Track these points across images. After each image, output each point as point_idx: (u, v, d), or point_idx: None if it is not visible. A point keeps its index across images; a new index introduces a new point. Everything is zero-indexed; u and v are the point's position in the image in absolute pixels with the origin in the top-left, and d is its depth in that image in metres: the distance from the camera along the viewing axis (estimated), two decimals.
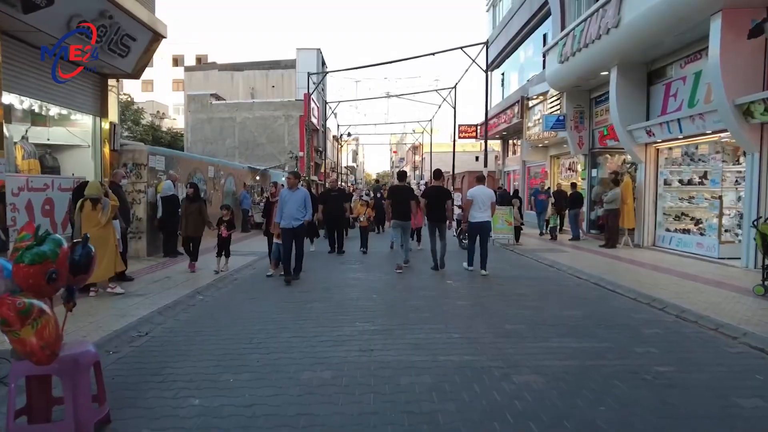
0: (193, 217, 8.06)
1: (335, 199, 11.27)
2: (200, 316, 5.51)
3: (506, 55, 22.66)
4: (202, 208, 8.20)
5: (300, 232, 7.57)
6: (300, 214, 7.42)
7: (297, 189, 7.58)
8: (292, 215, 7.37)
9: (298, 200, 7.42)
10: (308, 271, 8.39)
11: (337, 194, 11.51)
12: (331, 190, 11.90)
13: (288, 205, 7.38)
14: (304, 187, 9.69)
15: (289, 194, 7.46)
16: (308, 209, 7.54)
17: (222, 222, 8.05)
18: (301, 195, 7.51)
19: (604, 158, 14.69)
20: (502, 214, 12.82)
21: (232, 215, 8.38)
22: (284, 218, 7.40)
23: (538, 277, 7.94)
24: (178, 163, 11.66)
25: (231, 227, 8.16)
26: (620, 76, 11.42)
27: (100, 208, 6.24)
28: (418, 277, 7.84)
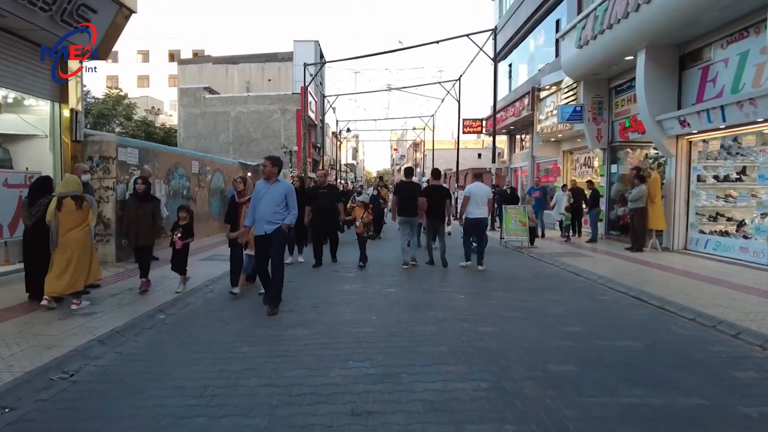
0: (144, 222, 6.21)
1: (324, 197, 8.61)
2: (151, 347, 4.32)
3: (514, 45, 21.41)
4: (156, 209, 6.41)
5: (277, 240, 5.45)
6: (278, 216, 5.41)
7: (276, 181, 5.53)
8: (266, 217, 5.40)
9: (276, 196, 5.43)
10: (296, 281, 7.21)
11: (327, 191, 8.74)
12: (319, 187, 8.99)
13: (262, 203, 5.44)
14: (295, 183, 8.42)
15: (265, 188, 5.49)
16: (291, 209, 5.50)
17: (177, 228, 6.34)
18: (280, 190, 5.47)
19: (625, 153, 13.49)
20: (515, 213, 11.64)
21: (191, 219, 6.55)
22: (256, 221, 5.50)
23: (566, 289, 6.74)
24: (155, 156, 10.45)
25: (188, 235, 6.39)
26: (649, 60, 10.19)
27: (86, 206, 5.42)
28: (426, 290, 6.64)
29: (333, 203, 8.82)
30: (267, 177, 5.58)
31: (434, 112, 31.51)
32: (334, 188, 9.21)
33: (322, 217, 8.59)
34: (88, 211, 5.36)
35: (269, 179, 5.56)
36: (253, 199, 5.60)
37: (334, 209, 8.80)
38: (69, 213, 5.21)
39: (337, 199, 8.91)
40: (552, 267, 8.90)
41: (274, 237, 5.46)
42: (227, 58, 33.98)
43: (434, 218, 8.58)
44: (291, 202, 5.54)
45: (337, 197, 8.91)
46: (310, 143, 30.60)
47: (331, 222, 8.82)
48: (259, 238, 5.54)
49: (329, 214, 8.67)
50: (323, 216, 8.58)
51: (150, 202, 6.37)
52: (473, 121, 25.19)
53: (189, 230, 6.43)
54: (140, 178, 6.50)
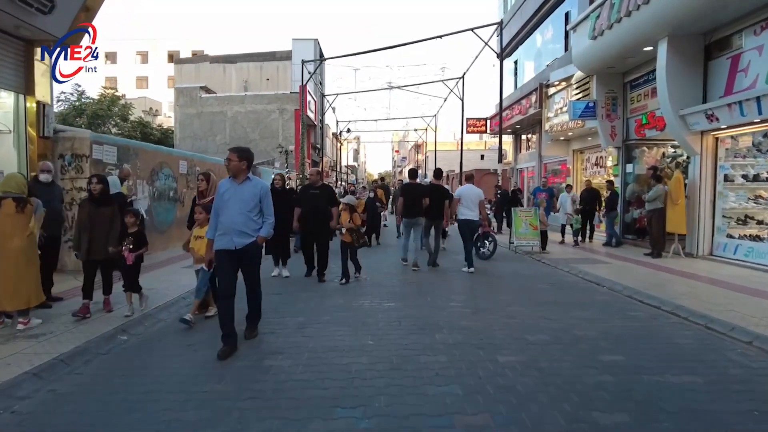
0: (100, 230, 5.06)
1: (315, 199, 7.34)
2: (95, 382, 3.52)
3: (520, 41, 20.62)
4: (116, 216, 5.18)
5: (252, 258, 4.30)
6: (252, 225, 4.21)
7: (246, 180, 4.26)
8: (236, 226, 4.13)
9: (247, 200, 4.18)
10: (284, 293, 6.40)
11: (319, 193, 7.40)
12: (309, 187, 7.62)
13: (229, 209, 4.15)
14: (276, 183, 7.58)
15: (232, 189, 4.20)
16: (267, 216, 4.32)
17: (126, 238, 5.09)
18: (251, 191, 4.23)
19: (641, 151, 12.66)
20: (525, 216, 10.82)
21: (142, 225, 5.40)
22: (220, 231, 4.18)
23: (591, 303, 5.92)
24: (137, 155, 9.67)
25: (140, 245, 5.17)
26: (671, 50, 9.37)
27: (30, 210, 4.63)
28: (431, 304, 5.82)
29: (326, 207, 7.36)
30: (233, 174, 4.25)
31: (437, 112, 30.73)
32: (327, 189, 7.68)
33: (313, 221, 7.34)
34: (31, 217, 4.56)
35: (236, 177, 4.24)
36: (216, 202, 4.27)
37: (325, 213, 7.32)
38: (8, 216, 4.43)
39: (331, 202, 7.44)
40: (569, 275, 8.08)
41: (247, 254, 4.21)
42: (224, 57, 33.28)
43: (433, 218, 8.79)
44: (267, 207, 4.32)
45: (332, 200, 7.46)
46: (309, 144, 29.83)
47: (321, 228, 7.37)
48: (223, 254, 4.14)
49: (321, 218, 7.30)
50: (314, 220, 7.33)
51: (108, 207, 5.22)
52: (477, 120, 24.40)
53: (140, 239, 5.25)
54: (95, 177, 5.32)
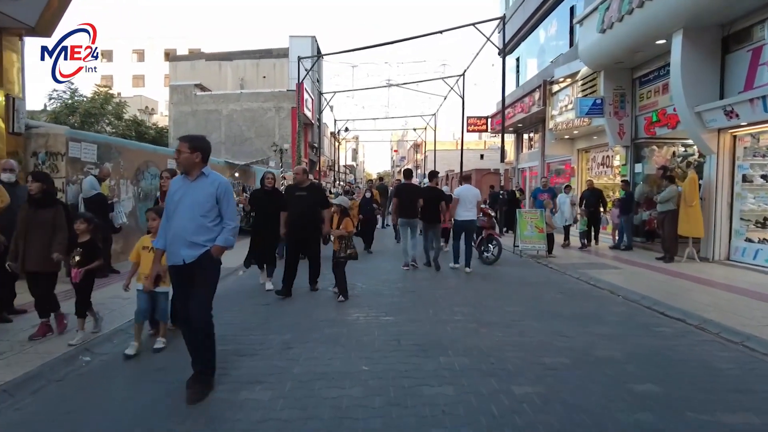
0: (40, 236, 4.25)
1: (302, 201, 6.32)
2: (34, 421, 2.96)
3: (522, 38, 20.08)
4: (59, 218, 4.35)
5: (202, 274, 3.38)
6: (204, 233, 3.35)
7: (201, 176, 3.43)
8: (185, 234, 3.33)
9: (201, 201, 3.37)
10: (271, 303, 5.86)
11: (307, 194, 6.36)
12: (295, 188, 6.59)
13: (178, 213, 3.38)
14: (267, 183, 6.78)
15: (184, 188, 3.43)
16: (228, 221, 3.46)
17: (74, 249, 4.27)
18: (207, 190, 3.39)
19: (650, 150, 12.14)
20: (531, 218, 10.27)
21: (95, 235, 4.45)
22: (169, 241, 3.42)
23: (609, 316, 5.37)
24: (120, 153, 9.11)
25: (91, 258, 4.26)
26: (687, 42, 8.83)
27: None
28: (434, 318, 5.28)
29: (315, 210, 6.37)
30: (185, 170, 3.44)
31: (436, 111, 30.18)
32: (317, 190, 6.75)
33: (299, 228, 6.30)
34: None
35: (189, 173, 3.42)
36: (167, 205, 3.50)
37: (315, 218, 6.36)
38: None
39: (320, 204, 6.45)
40: (580, 282, 7.54)
41: (198, 269, 3.33)
42: (220, 54, 32.69)
43: (429, 220, 8.64)
44: (227, 210, 3.44)
45: (322, 202, 6.52)
46: (306, 143, 29.27)
47: (310, 235, 6.39)
48: (173, 271, 3.44)
49: (309, 225, 6.31)
50: (300, 227, 6.29)
51: (50, 209, 4.34)
52: (478, 119, 23.86)
53: (91, 251, 4.31)
54: (32, 174, 4.55)
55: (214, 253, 3.40)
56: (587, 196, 11.57)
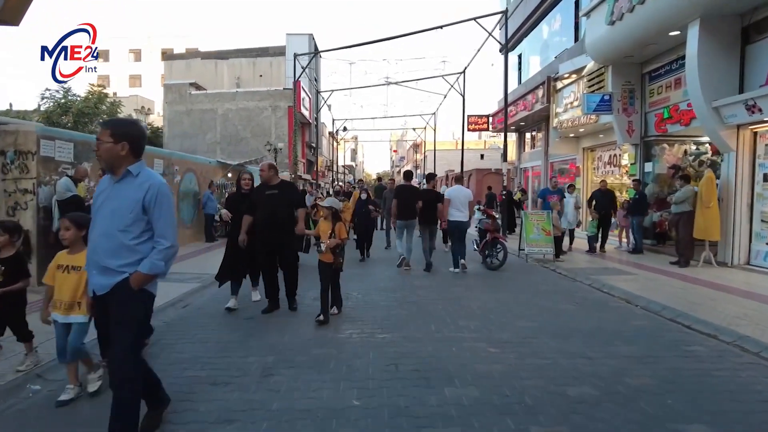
0: None
1: (272, 202, 5.39)
2: None
3: (524, 34, 19.55)
4: None
5: (121, 309, 2.52)
6: (123, 255, 2.51)
7: (127, 176, 2.56)
8: (100, 256, 2.53)
9: (121, 210, 2.52)
10: (255, 317, 5.28)
11: (278, 194, 5.42)
12: (264, 187, 5.57)
13: (95, 226, 2.62)
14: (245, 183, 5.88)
15: (107, 191, 2.62)
16: (162, 239, 2.55)
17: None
18: (131, 196, 2.52)
19: (661, 149, 11.60)
20: (537, 220, 9.71)
21: (25, 245, 3.80)
22: (89, 259, 2.63)
23: (632, 332, 4.82)
24: None
25: (14, 275, 3.59)
26: (704, 33, 8.28)
27: None
28: (437, 335, 4.72)
29: (288, 211, 5.50)
30: (107, 167, 2.62)
31: (436, 109, 29.63)
32: (288, 188, 5.76)
33: (271, 231, 5.37)
34: None
35: (114, 172, 2.58)
36: (93, 215, 2.67)
37: (289, 220, 5.48)
38: None
39: (293, 204, 5.57)
40: (594, 291, 6.98)
41: (113, 305, 2.52)
42: (216, 53, 32.14)
43: (427, 221, 8.76)
44: (160, 221, 2.53)
45: (295, 201, 5.62)
46: (303, 142, 28.70)
47: (285, 239, 5.47)
48: (95, 300, 2.67)
49: (282, 228, 5.40)
50: (273, 230, 5.36)
51: None
52: (479, 117, 23.31)
53: (17, 266, 3.62)
54: None
55: (135, 283, 2.48)
56: (598, 197, 10.93)
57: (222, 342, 4.43)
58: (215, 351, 4.18)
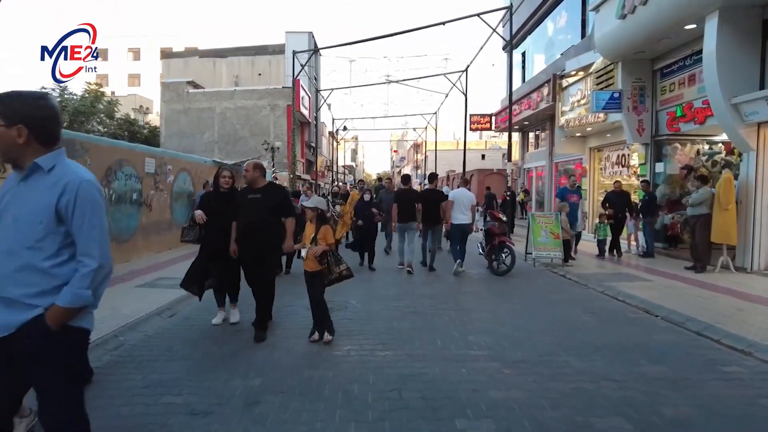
0: None
1: (255, 207, 4.65)
2: None
3: (529, 30, 19.12)
4: None
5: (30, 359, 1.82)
6: (32, 283, 1.81)
7: (36, 171, 1.86)
8: (11, 276, 1.81)
9: (27, 217, 1.82)
10: (243, 330, 4.83)
11: (261, 197, 4.68)
12: (248, 190, 4.85)
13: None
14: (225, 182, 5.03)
15: (13, 190, 1.90)
16: (84, 257, 1.83)
17: None
18: (43, 199, 1.82)
19: (673, 148, 11.15)
20: (546, 223, 9.27)
21: None
22: None
23: (657, 349, 4.38)
24: (86, 151, 8.10)
25: None
26: (723, 26, 7.85)
27: None
28: (442, 353, 4.28)
29: (273, 218, 4.71)
30: (6, 160, 1.92)
31: (437, 109, 29.19)
32: (276, 192, 4.92)
33: (251, 241, 4.65)
34: None
35: (20, 165, 1.90)
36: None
37: (273, 229, 4.71)
38: None
39: (281, 211, 4.77)
40: (609, 299, 6.54)
41: (28, 351, 1.82)
42: (214, 51, 31.71)
43: (429, 222, 8.67)
44: (83, 233, 1.84)
45: (283, 207, 4.78)
46: (303, 142, 28.27)
47: (266, 250, 4.70)
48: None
49: (264, 238, 4.63)
50: (252, 240, 4.64)
51: None
52: (481, 116, 22.86)
53: None
54: None
55: (53, 321, 1.80)
56: (613, 198, 10.28)
57: (206, 360, 3.99)
58: (197, 371, 3.74)
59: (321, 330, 4.51)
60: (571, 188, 10.24)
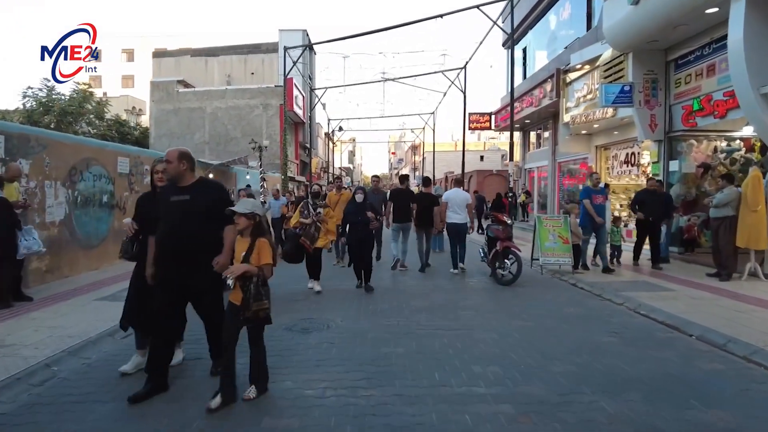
0: None
1: (181, 211, 3.35)
2: None
3: (530, 25, 18.41)
4: None
5: None
6: None
7: None
8: None
9: None
10: (182, 377, 4.00)
11: (189, 199, 3.36)
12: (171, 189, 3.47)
13: None
14: None
15: None
16: None
17: None
18: None
19: (688, 145, 10.38)
20: (554, 226, 8.46)
21: None
22: None
23: (711, 382, 3.59)
24: (45, 148, 7.29)
25: None
26: (751, 9, 7.08)
27: None
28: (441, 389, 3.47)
29: (203, 230, 3.35)
30: None
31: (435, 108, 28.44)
32: (209, 191, 3.54)
33: (174, 257, 3.36)
34: None
35: None
36: None
37: (205, 241, 3.34)
38: None
39: (216, 216, 3.32)
40: (630, 313, 5.73)
41: None
42: (206, 50, 30.90)
43: (424, 224, 8.83)
44: None
45: (215, 212, 3.32)
46: (297, 143, 27.46)
47: (198, 271, 3.33)
48: None
49: (193, 253, 3.33)
50: (176, 256, 3.35)
51: None
52: (480, 115, 22.09)
53: None
54: None
55: None
56: (646, 199, 8.62)
57: (145, 404, 3.16)
58: (127, 418, 2.92)
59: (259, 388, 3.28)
60: (594, 187, 8.62)
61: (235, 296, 3.15)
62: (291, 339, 4.52)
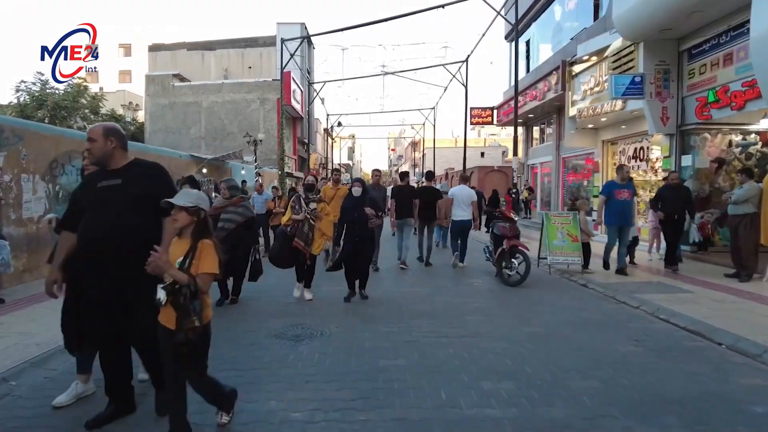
0: None
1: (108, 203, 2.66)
2: None
3: (534, 17, 17.90)
4: None
5: None
6: None
7: None
8: None
9: None
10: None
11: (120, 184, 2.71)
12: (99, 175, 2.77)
13: None
14: None
15: None
16: None
17: None
18: None
19: (702, 139, 9.92)
20: (563, 224, 8.02)
21: None
22: None
23: (755, 401, 3.14)
24: (21, 139, 6.84)
25: None
26: None
27: None
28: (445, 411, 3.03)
29: (137, 223, 2.64)
30: None
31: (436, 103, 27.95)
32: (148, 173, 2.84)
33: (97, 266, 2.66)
34: None
35: None
36: None
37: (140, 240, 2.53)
38: None
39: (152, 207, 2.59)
40: (651, 319, 5.29)
41: None
42: (203, 43, 30.36)
43: (426, 218, 8.78)
44: None
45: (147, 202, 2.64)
46: (295, 138, 26.98)
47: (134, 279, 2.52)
48: None
49: (126, 255, 2.56)
50: (103, 260, 2.63)
51: None
52: (482, 110, 21.60)
53: None
54: None
55: None
56: (667, 196, 8.06)
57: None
58: None
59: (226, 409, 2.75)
60: (621, 182, 7.74)
61: (167, 316, 2.41)
62: (280, 348, 4.08)
